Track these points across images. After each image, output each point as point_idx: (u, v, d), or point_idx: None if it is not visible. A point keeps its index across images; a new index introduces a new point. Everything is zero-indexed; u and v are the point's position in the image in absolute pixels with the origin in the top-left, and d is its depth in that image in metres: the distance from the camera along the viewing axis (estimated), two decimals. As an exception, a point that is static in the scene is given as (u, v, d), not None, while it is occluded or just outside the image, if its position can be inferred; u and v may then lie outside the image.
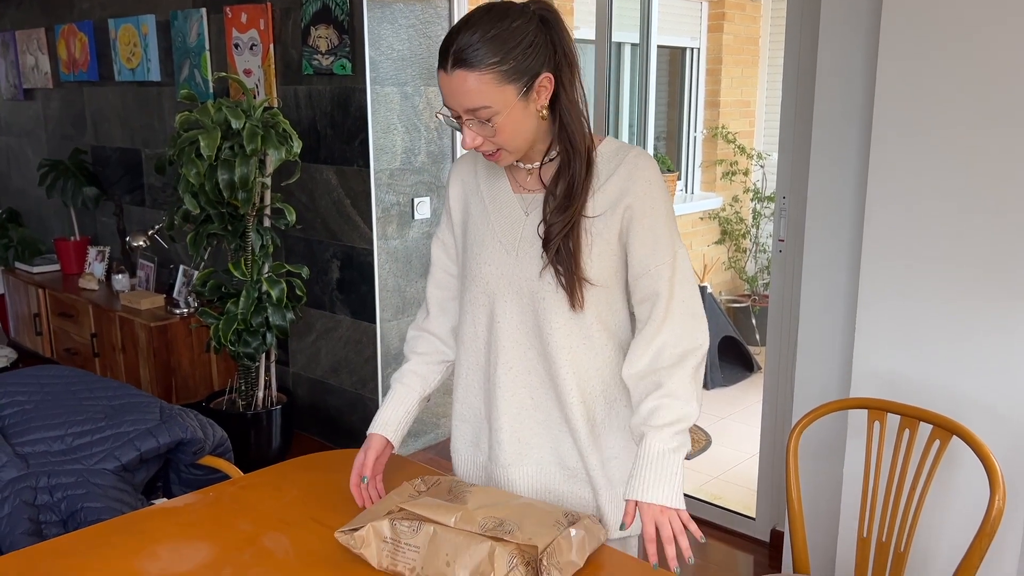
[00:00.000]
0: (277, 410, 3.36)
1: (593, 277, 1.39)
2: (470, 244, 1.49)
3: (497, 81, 1.27)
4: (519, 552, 1.27)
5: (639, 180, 1.38)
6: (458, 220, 1.53)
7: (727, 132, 5.45)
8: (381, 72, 3.23)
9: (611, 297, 1.43)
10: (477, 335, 1.50)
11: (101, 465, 1.75)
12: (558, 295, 1.40)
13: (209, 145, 2.87)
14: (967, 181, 1.89)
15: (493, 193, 1.47)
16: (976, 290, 1.92)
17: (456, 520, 1.31)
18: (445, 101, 1.33)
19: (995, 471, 1.56)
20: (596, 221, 1.38)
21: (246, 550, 1.43)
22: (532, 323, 1.44)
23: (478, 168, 1.51)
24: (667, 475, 1.33)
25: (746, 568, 2.79)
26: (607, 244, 1.39)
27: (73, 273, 4.66)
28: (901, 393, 2.03)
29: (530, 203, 1.43)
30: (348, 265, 3.45)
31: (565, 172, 1.37)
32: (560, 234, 1.36)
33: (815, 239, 2.33)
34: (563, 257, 1.37)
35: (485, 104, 1.29)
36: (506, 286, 1.44)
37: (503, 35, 1.26)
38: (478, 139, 1.34)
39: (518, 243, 1.43)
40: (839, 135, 2.25)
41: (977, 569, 1.56)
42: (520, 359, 1.46)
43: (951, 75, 1.87)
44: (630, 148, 1.41)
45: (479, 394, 1.53)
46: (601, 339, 1.44)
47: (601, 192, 1.39)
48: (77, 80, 4.63)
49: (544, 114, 1.35)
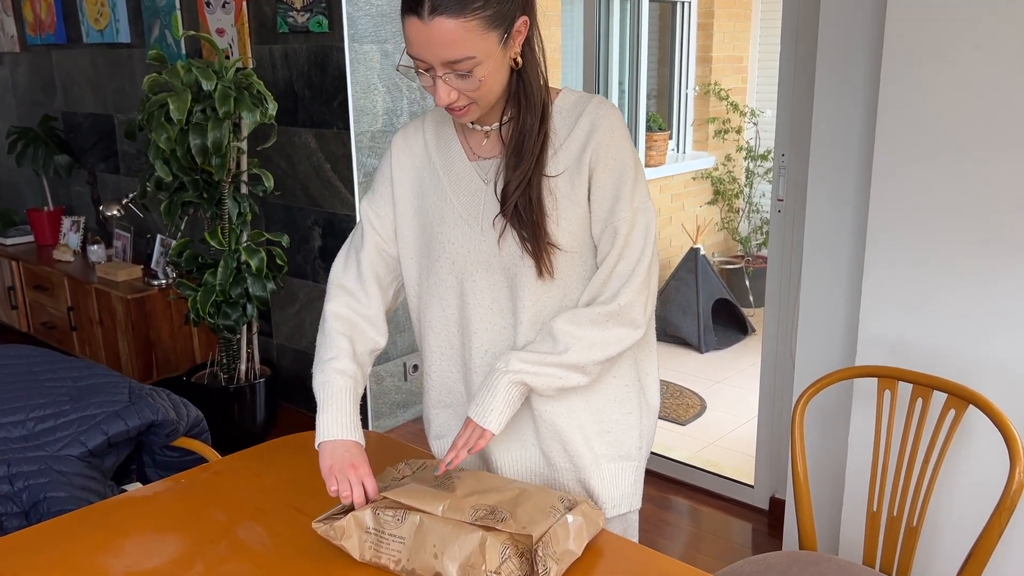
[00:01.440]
0: (261, 383, 3.26)
1: (563, 242, 1.29)
2: (428, 222, 1.37)
3: (481, 28, 1.15)
4: (512, 542, 1.18)
5: (601, 130, 1.27)
6: (404, 195, 1.39)
7: (719, 89, 5.31)
8: (360, 29, 3.08)
9: (583, 265, 1.33)
10: (447, 319, 1.39)
11: (66, 451, 1.65)
12: (525, 263, 1.30)
13: (179, 108, 2.73)
14: (983, 135, 1.78)
15: (447, 164, 1.36)
16: (990, 252, 1.81)
17: (444, 509, 1.22)
18: (415, 52, 1.18)
19: (1015, 442, 1.47)
20: (560, 181, 1.28)
21: (220, 542, 1.34)
22: (507, 298, 1.33)
23: (427, 138, 1.39)
24: (491, 392, 1.29)
25: (744, 536, 2.73)
26: (577, 205, 1.29)
27: (47, 244, 4.52)
28: (909, 360, 1.94)
29: (488, 170, 1.32)
30: (330, 232, 3.33)
31: (517, 125, 1.27)
32: (515, 192, 1.26)
33: (818, 198, 2.22)
34: (525, 221, 1.27)
35: (469, 55, 1.16)
36: (475, 263, 1.33)
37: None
38: (453, 94, 1.21)
39: (481, 215, 1.32)
40: (843, 88, 2.13)
41: (996, 545, 1.48)
42: (496, 339, 1.36)
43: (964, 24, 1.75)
44: (590, 98, 1.30)
45: (458, 378, 1.43)
46: None
47: (563, 149, 1.28)
48: (44, 43, 4.44)
49: (519, 61, 1.23)
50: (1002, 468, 1.69)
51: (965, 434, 1.86)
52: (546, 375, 1.29)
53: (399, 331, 3.42)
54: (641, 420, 1.41)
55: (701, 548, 2.66)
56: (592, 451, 1.38)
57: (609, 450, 1.39)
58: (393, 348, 3.43)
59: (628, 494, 1.42)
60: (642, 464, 1.44)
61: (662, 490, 3.00)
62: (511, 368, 1.28)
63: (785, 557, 1.67)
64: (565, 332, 1.28)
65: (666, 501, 2.94)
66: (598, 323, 1.28)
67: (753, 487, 2.86)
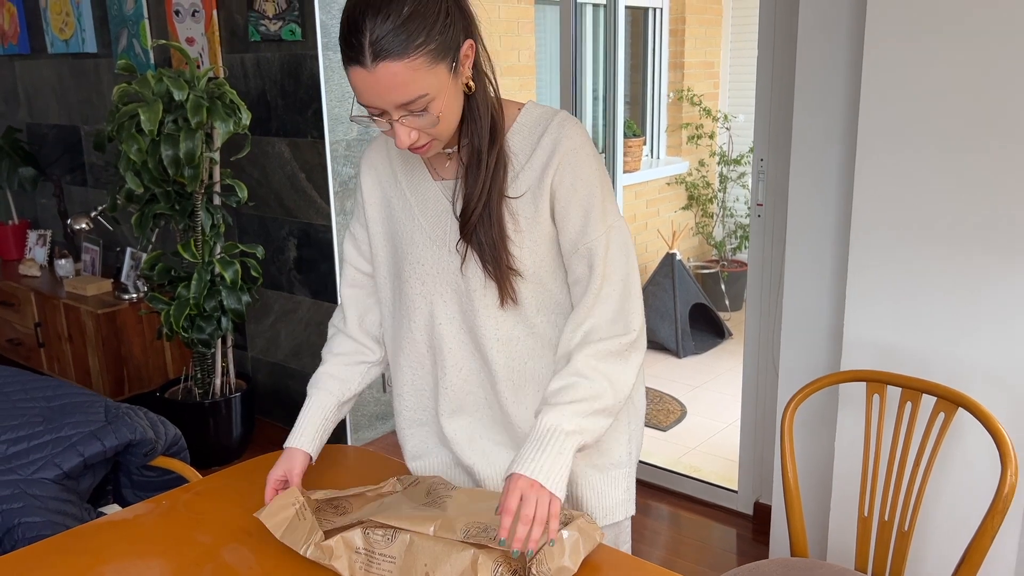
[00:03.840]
0: (237, 397, 3.20)
1: (526, 268, 1.26)
2: (398, 243, 1.35)
3: (428, 64, 1.11)
4: (504, 559, 1.15)
5: (564, 149, 1.22)
6: (375, 216, 1.39)
7: (692, 94, 5.33)
8: (333, 37, 3.04)
9: (549, 290, 1.30)
10: (415, 340, 1.37)
11: (40, 475, 1.59)
12: (488, 290, 1.27)
13: (150, 119, 2.67)
14: (967, 135, 1.78)
15: (413, 184, 1.33)
16: (975, 253, 1.81)
17: (435, 528, 1.19)
18: (365, 101, 1.14)
19: (1006, 444, 1.47)
20: (521, 203, 1.24)
21: (205, 566, 1.29)
22: (472, 320, 1.31)
23: (391, 157, 1.37)
24: (552, 453, 1.17)
25: (729, 542, 2.72)
26: (539, 229, 1.25)
27: (12, 259, 4.42)
28: (895, 363, 1.94)
29: (453, 190, 1.29)
30: (306, 243, 3.28)
31: (469, 139, 1.22)
32: (473, 215, 1.22)
33: (799, 201, 2.22)
34: (485, 245, 1.23)
35: (421, 93, 1.12)
36: (443, 284, 1.31)
37: (419, 10, 1.09)
38: (414, 134, 1.17)
39: (447, 236, 1.29)
40: (824, 92, 2.13)
41: (989, 548, 1.48)
42: (467, 358, 1.34)
43: (946, 26, 1.76)
44: (554, 114, 1.25)
45: (431, 396, 1.41)
46: (546, 321, 1.31)
47: (525, 170, 1.24)
48: (7, 53, 4.34)
49: (471, 85, 1.19)
50: (992, 471, 1.69)
51: (955, 437, 1.87)
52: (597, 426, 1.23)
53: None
54: (629, 425, 1.40)
55: (685, 554, 2.65)
56: (581, 461, 1.35)
57: (599, 459, 1.37)
58: (371, 359, 3.39)
59: (622, 501, 1.40)
60: (633, 470, 1.42)
61: (645, 496, 2.99)
62: (567, 428, 1.20)
63: (779, 565, 1.66)
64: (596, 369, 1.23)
65: (648, 507, 2.92)
66: (620, 355, 1.25)
67: (736, 492, 2.85)
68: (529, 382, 1.33)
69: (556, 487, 1.16)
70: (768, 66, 2.48)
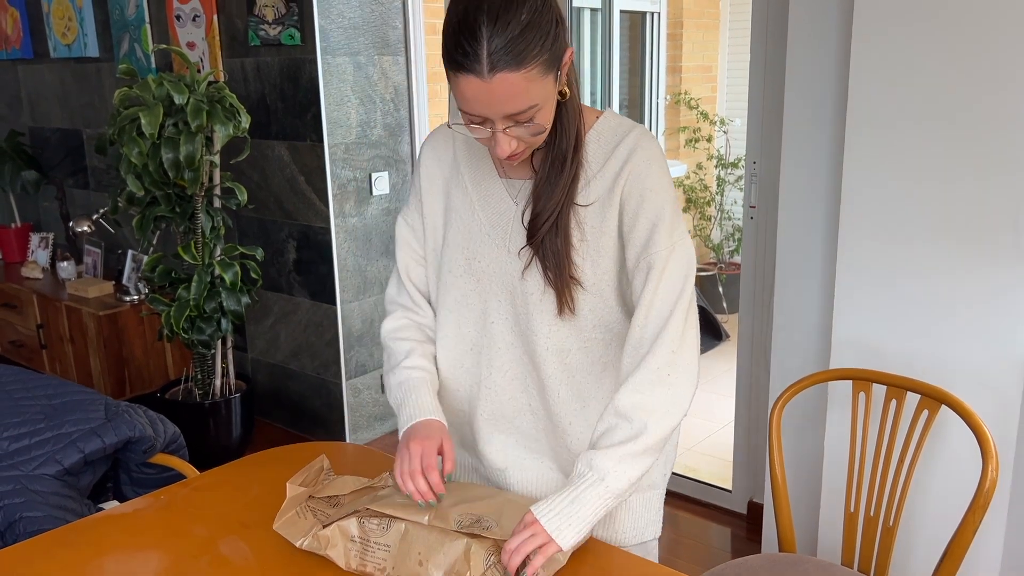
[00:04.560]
0: (236, 398, 3.24)
1: (587, 278, 1.24)
2: (454, 236, 1.33)
3: (541, 74, 1.09)
4: (496, 549, 1.19)
5: (637, 161, 1.20)
6: (433, 208, 1.36)
7: (689, 98, 5.36)
8: (332, 41, 3.08)
9: (609, 305, 1.28)
10: (462, 336, 1.35)
11: (41, 470, 1.62)
12: (546, 296, 1.26)
13: (151, 122, 2.71)
14: (949, 141, 1.82)
15: (477, 178, 1.31)
16: (959, 255, 1.85)
17: (430, 518, 1.23)
18: (472, 109, 1.11)
19: (987, 441, 1.50)
20: (590, 212, 1.22)
21: (202, 558, 1.32)
22: (525, 325, 1.29)
23: (456, 147, 1.34)
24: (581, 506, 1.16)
25: (723, 541, 2.75)
26: (604, 241, 1.23)
27: (15, 262, 4.45)
28: (882, 362, 1.97)
29: (520, 191, 1.27)
30: (305, 245, 3.32)
31: (552, 147, 1.21)
32: (545, 224, 1.20)
33: (790, 205, 2.26)
34: (549, 252, 1.22)
35: (532, 104, 1.10)
36: (498, 284, 1.30)
37: (536, 20, 1.07)
38: (514, 143, 1.14)
39: (508, 236, 1.27)
40: (813, 96, 2.16)
41: (970, 543, 1.50)
42: (516, 362, 1.33)
43: (931, 38, 1.79)
44: (631, 127, 1.24)
45: (464, 397, 1.39)
46: (601, 339, 1.30)
47: (597, 179, 1.22)
48: (10, 58, 4.39)
49: (565, 92, 1.17)
50: (974, 467, 1.72)
51: (938, 434, 1.90)
52: (636, 470, 1.18)
53: (375, 343, 3.41)
54: (665, 448, 1.38)
55: (680, 553, 2.67)
56: None
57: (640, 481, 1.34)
58: (370, 361, 3.42)
59: (652, 521, 1.40)
60: (664, 491, 1.41)
61: (641, 497, 3.01)
62: (602, 475, 1.16)
63: (765, 560, 1.69)
64: (637, 407, 1.18)
65: (645, 508, 2.95)
66: (661, 382, 1.19)
67: (731, 492, 2.88)
68: (577, 396, 1.32)
69: (564, 539, 1.15)
70: (760, 70, 2.51)
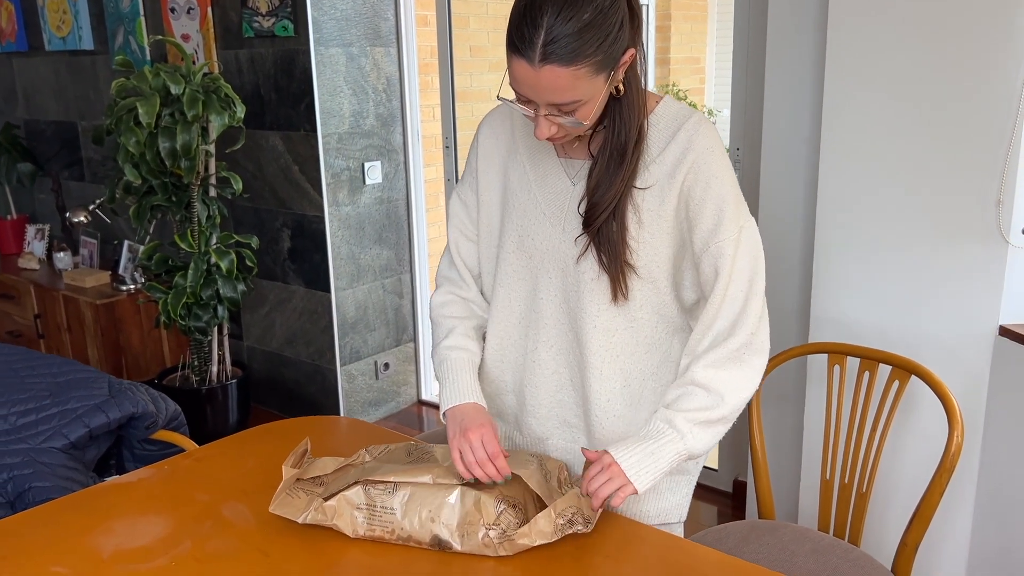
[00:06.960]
0: (233, 384, 3.30)
1: (641, 264, 1.25)
2: (510, 213, 1.35)
3: (591, 74, 1.11)
4: (504, 497, 1.25)
5: (699, 148, 1.21)
6: (490, 184, 1.38)
7: (678, 90, 5.43)
8: (325, 33, 3.14)
9: (660, 290, 1.29)
10: (512, 310, 1.39)
11: (48, 444, 1.68)
12: (599, 282, 1.28)
13: (148, 112, 2.76)
14: (920, 126, 1.90)
15: (535, 157, 1.33)
16: (929, 234, 1.93)
17: (433, 477, 1.27)
18: (520, 89, 1.15)
19: (953, 408, 1.57)
20: (648, 195, 1.23)
21: (205, 521, 1.39)
22: (575, 304, 1.31)
23: (515, 125, 1.36)
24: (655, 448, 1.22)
25: (710, 519, 2.82)
26: (660, 225, 1.24)
27: (12, 253, 4.50)
28: (858, 337, 2.05)
29: (578, 171, 1.29)
30: (299, 234, 3.38)
31: (611, 139, 1.22)
32: (606, 209, 1.22)
33: (771, 190, 2.33)
34: (604, 237, 1.23)
35: (576, 99, 1.13)
36: (552, 263, 1.32)
37: (598, 21, 1.09)
38: (554, 128, 1.18)
39: (564, 216, 1.29)
40: (792, 86, 2.24)
41: (937, 504, 1.58)
42: (561, 338, 1.35)
43: (902, 27, 1.87)
44: (691, 113, 1.25)
45: (510, 368, 1.42)
46: (647, 320, 1.31)
47: (656, 163, 1.23)
48: (5, 51, 4.42)
49: (620, 88, 1.19)
50: (942, 434, 1.80)
51: (909, 404, 1.98)
52: (710, 435, 1.24)
53: (369, 330, 3.47)
54: None
55: (668, 530, 2.74)
56: None
57: None
58: (364, 347, 3.48)
59: (677, 505, 1.42)
60: (695, 478, 1.44)
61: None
62: (681, 433, 1.22)
63: (744, 526, 1.76)
64: (713, 379, 1.23)
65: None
66: (736, 359, 1.24)
67: (717, 471, 2.95)
68: (618, 375, 1.33)
69: (641, 482, 1.21)
70: (743, 61, 2.58)
